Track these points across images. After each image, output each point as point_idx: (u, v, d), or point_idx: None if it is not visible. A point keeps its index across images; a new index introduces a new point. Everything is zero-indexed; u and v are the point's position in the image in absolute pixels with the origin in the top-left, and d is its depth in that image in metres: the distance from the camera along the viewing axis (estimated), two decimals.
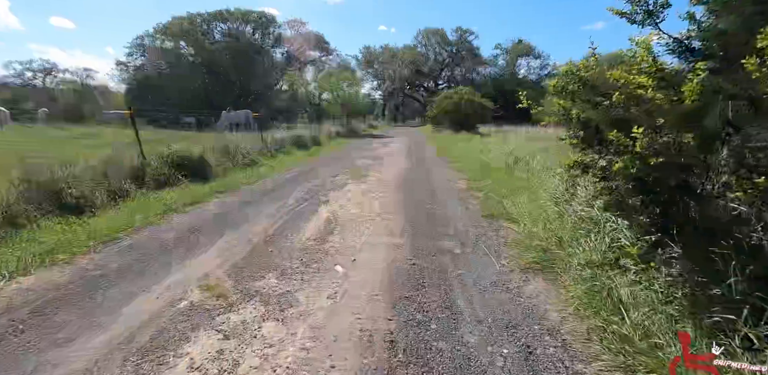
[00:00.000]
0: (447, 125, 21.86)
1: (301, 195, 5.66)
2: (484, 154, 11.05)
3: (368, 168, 8.47)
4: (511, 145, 11.28)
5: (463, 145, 13.89)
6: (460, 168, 8.51)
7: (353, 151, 12.61)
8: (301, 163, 9.46)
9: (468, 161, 9.30)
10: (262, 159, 9.69)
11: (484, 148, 12.47)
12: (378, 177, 7.23)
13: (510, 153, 9.73)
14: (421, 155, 11.34)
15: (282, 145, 11.88)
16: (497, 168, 8.04)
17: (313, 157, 10.72)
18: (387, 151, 12.71)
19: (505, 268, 3.03)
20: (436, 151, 12.73)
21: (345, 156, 11.23)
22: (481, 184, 6.43)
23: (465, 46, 44.92)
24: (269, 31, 36.70)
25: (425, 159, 10.34)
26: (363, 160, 9.98)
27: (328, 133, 17.32)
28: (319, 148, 13.54)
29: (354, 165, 9.05)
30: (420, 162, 9.73)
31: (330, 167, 8.68)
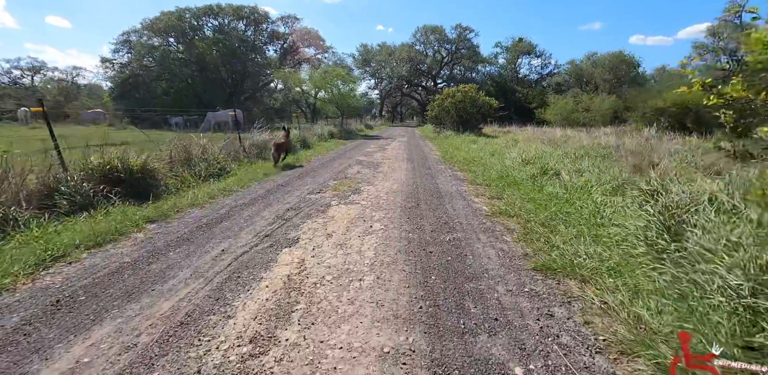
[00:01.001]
0: (449, 125, 20.22)
1: (261, 227, 3.98)
2: (496, 159, 9.42)
3: (361, 180, 6.80)
4: (529, 150, 9.65)
5: (469, 149, 12.27)
6: (473, 179, 6.87)
7: (346, 156, 10.95)
8: (280, 172, 7.78)
9: (481, 170, 7.66)
10: (235, 167, 8.02)
11: (494, 152, 10.85)
12: (373, 194, 5.56)
13: (529, 161, 8.11)
14: (423, 161, 9.70)
15: (263, 149, 10.21)
16: (520, 180, 6.42)
17: (296, 166, 9.06)
18: (384, 155, 11.05)
19: None
20: (440, 155, 11.09)
21: (335, 162, 9.57)
22: (507, 204, 4.79)
23: (465, 44, 43.25)
24: (262, 28, 34.93)
25: (429, 166, 8.69)
26: (356, 168, 8.32)
27: (320, 134, 15.63)
28: (308, 151, 11.86)
29: (344, 175, 7.38)
30: (423, 170, 8.08)
31: (314, 178, 7.01)
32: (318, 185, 6.24)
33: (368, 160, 9.77)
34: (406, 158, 10.25)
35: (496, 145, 13.20)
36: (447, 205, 4.90)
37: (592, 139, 14.62)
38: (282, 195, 5.50)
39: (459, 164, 8.93)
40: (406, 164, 9.03)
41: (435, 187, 6.12)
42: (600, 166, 6.76)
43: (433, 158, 10.39)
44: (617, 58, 45.76)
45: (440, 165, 9.01)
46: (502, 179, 6.70)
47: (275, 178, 7.07)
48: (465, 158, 9.70)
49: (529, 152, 9.40)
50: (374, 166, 8.76)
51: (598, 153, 9.14)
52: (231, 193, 5.67)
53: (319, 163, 9.46)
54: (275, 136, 11.81)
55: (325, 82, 21.15)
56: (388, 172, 7.81)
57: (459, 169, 8.37)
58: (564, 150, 9.74)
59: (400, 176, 7.24)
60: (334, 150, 12.91)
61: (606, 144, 11.93)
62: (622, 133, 15.44)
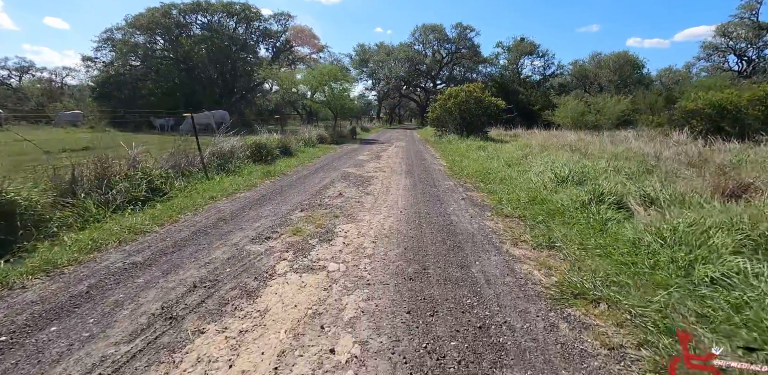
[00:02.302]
0: (451, 128, 18.21)
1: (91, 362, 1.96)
2: (517, 172, 7.41)
3: (341, 209, 4.75)
4: (557, 160, 7.64)
5: (478, 157, 10.26)
6: (497, 206, 4.86)
7: (332, 166, 8.92)
8: (234, 194, 5.73)
9: (502, 190, 5.66)
10: (180, 184, 5.99)
11: (510, 162, 8.83)
12: (353, 243, 3.50)
13: (566, 177, 6.09)
14: (426, 175, 7.68)
15: (229, 159, 8.18)
16: (563, 209, 4.45)
17: (265, 180, 7.02)
18: (378, 166, 9.02)
19: None
20: (445, 166, 9.08)
21: (316, 176, 7.55)
22: (575, 269, 2.78)
23: (465, 44, 41.27)
24: (254, 26, 32.89)
25: (434, 183, 6.67)
26: (339, 186, 6.29)
27: (307, 138, 13.59)
28: (289, 160, 9.83)
29: (319, 200, 5.34)
30: (427, 190, 6.06)
31: (276, 205, 4.97)
32: (274, 221, 4.19)
33: (357, 174, 7.75)
34: (404, 170, 8.22)
35: (509, 152, 11.20)
36: (473, 269, 2.87)
37: (615, 145, 12.68)
38: (206, 244, 3.45)
39: (471, 179, 6.92)
40: (405, 179, 7.00)
41: (447, 223, 4.09)
42: (673, 190, 4.75)
43: (438, 170, 8.37)
44: (622, 59, 43.89)
45: (448, 180, 6.99)
46: (536, 206, 4.72)
47: (222, 205, 5.03)
48: (477, 170, 7.70)
49: (557, 163, 7.41)
50: (363, 182, 6.73)
51: (645, 165, 7.16)
52: (133, 239, 3.62)
53: (294, 177, 7.43)
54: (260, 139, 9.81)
55: (316, 81, 19.11)
56: (380, 193, 5.78)
57: (473, 186, 6.37)
58: (598, 160, 7.74)
59: (395, 201, 5.21)
60: (321, 158, 10.88)
61: (639, 151, 9.96)
62: (651, 137, 13.48)
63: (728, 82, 25.31)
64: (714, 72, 41.94)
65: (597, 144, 12.82)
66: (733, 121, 12.41)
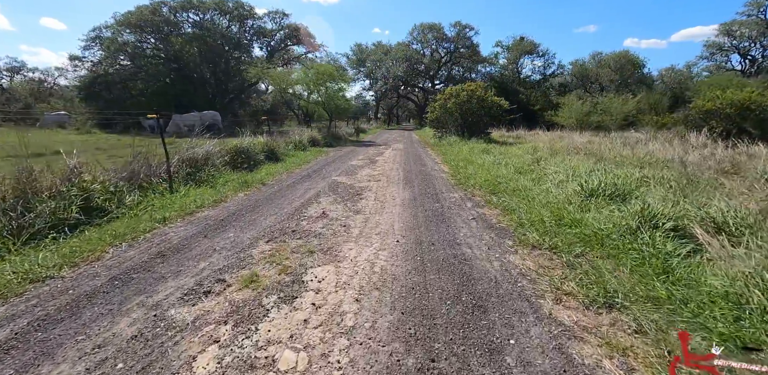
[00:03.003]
0: (452, 129, 17.18)
1: None
2: (529, 181, 6.37)
3: (319, 240, 3.66)
4: (577, 168, 6.60)
5: (483, 162, 9.22)
6: (518, 230, 3.82)
7: (321, 174, 7.86)
8: (193, 215, 4.64)
9: (519, 206, 4.62)
10: (132, 200, 4.93)
11: (522, 169, 7.77)
12: (327, 303, 2.40)
13: (596, 191, 5.06)
14: (427, 185, 6.63)
15: (203, 167, 7.12)
16: (603, 234, 3.44)
17: (239, 193, 5.95)
18: (372, 174, 7.98)
19: None
20: (449, 172, 8.04)
21: (299, 187, 6.49)
22: (653, 348, 1.73)
23: (464, 43, 40.25)
24: (248, 25, 31.78)
25: (438, 196, 5.62)
26: (324, 203, 5.22)
27: (298, 141, 12.53)
28: (274, 167, 8.77)
29: (295, 223, 4.25)
30: (430, 205, 5.02)
31: (239, 232, 3.86)
32: (227, 259, 3.11)
33: (348, 184, 6.69)
34: (402, 179, 7.17)
35: (517, 156, 10.18)
36: (509, 359, 1.82)
37: (630, 148, 11.68)
38: (118, 303, 2.37)
39: (480, 190, 5.88)
40: (403, 191, 5.96)
41: (459, 260, 3.04)
42: (745, 212, 3.71)
43: (440, 178, 7.32)
44: (623, 58, 42.93)
45: (453, 192, 5.94)
46: (566, 229, 3.70)
47: (173, 230, 3.96)
48: (486, 179, 6.65)
49: (577, 170, 6.38)
50: (354, 195, 5.68)
51: (686, 175, 6.14)
52: (19, 293, 2.57)
53: (275, 188, 6.37)
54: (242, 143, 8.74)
55: (311, 81, 18.04)
56: (372, 211, 4.73)
57: (482, 199, 5.32)
58: (623, 167, 6.70)
59: (391, 223, 4.15)
60: (310, 163, 9.82)
61: (657, 155, 8.97)
62: (667, 139, 12.48)
63: (740, 80, 24.27)
64: (717, 71, 41.05)
65: (608, 146, 11.83)
66: (758, 122, 11.42)
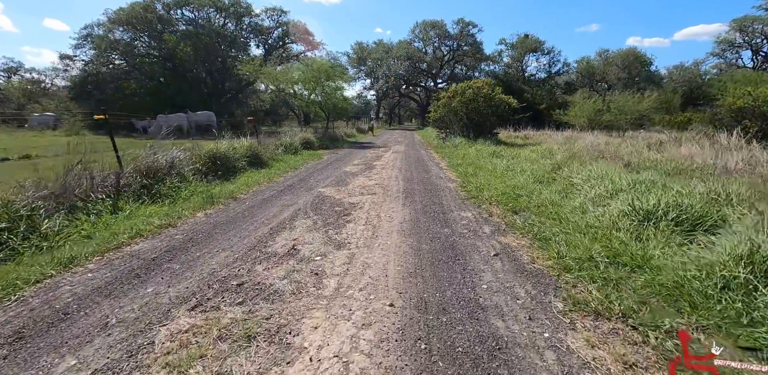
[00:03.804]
0: (457, 130, 15.95)
1: None
2: (551, 190, 5.18)
3: (270, 311, 2.45)
4: (618, 182, 5.36)
5: (494, 168, 7.99)
6: (562, 274, 2.60)
7: (306, 185, 6.66)
8: (115, 252, 3.41)
9: (550, 228, 3.41)
10: (51, 228, 3.75)
11: (541, 177, 6.53)
12: None
13: (651, 212, 3.82)
14: (432, 198, 5.41)
15: (164, 177, 5.93)
16: (701, 291, 2.19)
17: (198, 213, 4.75)
18: (366, 184, 6.76)
19: None
20: (457, 181, 6.81)
21: (274, 204, 5.29)
22: None
23: (467, 41, 38.92)
24: (244, 22, 30.60)
25: (446, 216, 4.40)
26: (299, 228, 3.97)
27: (288, 143, 11.33)
28: (255, 174, 7.59)
29: (246, 270, 3.02)
30: (436, 229, 3.81)
31: (158, 286, 2.63)
32: (101, 361, 1.95)
33: (337, 198, 5.49)
34: (402, 191, 5.96)
35: (531, 160, 8.95)
36: None
37: (656, 150, 10.46)
38: None
39: (498, 208, 4.67)
40: (402, 209, 4.74)
41: (486, 342, 1.76)
42: None
43: (447, 189, 6.10)
44: (631, 56, 41.46)
45: (465, 210, 4.72)
46: (628, 272, 2.51)
47: (67, 280, 2.73)
48: (502, 192, 5.44)
49: (616, 182, 5.15)
50: (341, 217, 4.47)
51: (755, 188, 4.90)
52: None
53: (246, 205, 5.16)
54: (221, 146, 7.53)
55: (307, 79, 16.82)
56: (361, 244, 3.51)
57: (504, 222, 4.10)
58: (676, 179, 5.47)
59: (384, 264, 2.93)
60: (298, 170, 8.62)
61: (701, 161, 7.70)
62: (694, 140, 11.20)
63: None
64: (728, 68, 39.50)
65: (630, 149, 10.57)
66: None
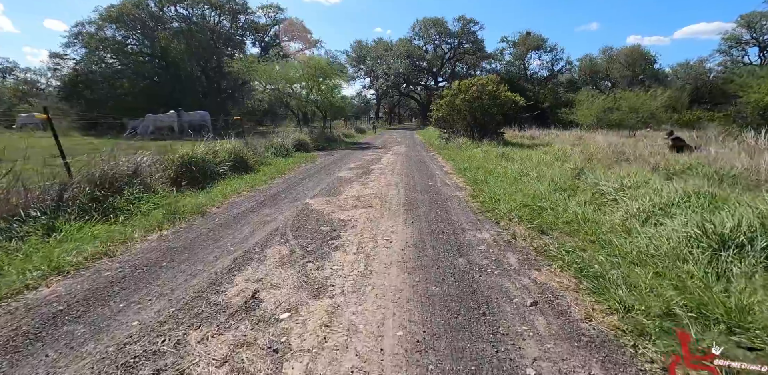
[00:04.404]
0: (460, 129, 15.00)
1: None
2: (578, 202, 4.22)
3: None
4: (666, 194, 4.40)
5: (506, 172, 7.03)
6: (635, 338, 1.65)
7: (292, 193, 5.71)
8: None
9: (597, 257, 2.44)
10: None
11: (562, 182, 5.62)
12: None
13: (730, 238, 2.88)
14: (439, 212, 4.46)
15: (121, 189, 4.99)
16: None
17: (150, 235, 3.80)
18: (361, 194, 5.80)
19: None
20: (465, 188, 5.86)
21: (249, 221, 4.33)
22: None
23: (468, 38, 37.91)
24: (240, 19, 29.63)
25: (458, 239, 3.44)
26: (269, 262, 3.01)
27: (279, 145, 10.38)
28: (236, 181, 6.64)
29: (181, 335, 2.08)
30: (447, 259, 2.88)
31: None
32: None
33: (324, 213, 4.53)
34: (403, 203, 5.01)
35: (546, 163, 7.99)
36: None
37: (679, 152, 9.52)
38: None
39: (521, 226, 3.72)
40: (403, 230, 3.79)
41: None
42: None
43: (457, 199, 5.15)
44: (635, 53, 40.43)
45: (481, 229, 3.76)
46: (724, 332, 1.53)
47: None
48: (521, 202, 4.50)
49: (668, 196, 4.19)
50: (324, 244, 3.51)
51: None
52: None
53: (214, 223, 4.21)
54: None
55: (300, 75, 15.87)
56: (348, 287, 2.54)
57: (533, 247, 3.15)
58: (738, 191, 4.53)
59: (378, 323, 1.94)
60: (287, 175, 7.68)
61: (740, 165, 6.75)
62: (720, 140, 10.24)
63: None
64: (734, 66, 38.45)
65: (651, 150, 9.63)
66: None
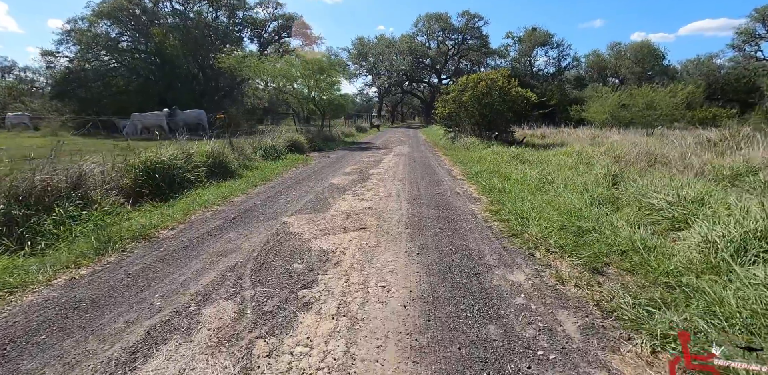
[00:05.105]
0: (467, 127, 13.91)
1: None
2: (624, 216, 3.16)
3: None
4: (715, 200, 3.32)
5: (524, 177, 5.95)
6: None
7: (272, 208, 4.65)
8: None
9: (702, 325, 1.44)
10: None
11: (597, 194, 4.53)
12: None
13: None
14: (453, 242, 3.42)
15: (52, 203, 3.98)
16: None
17: (60, 276, 2.78)
18: (356, 208, 4.73)
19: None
20: (484, 202, 4.79)
21: (200, 257, 3.31)
22: None
23: (473, 34, 36.64)
24: (238, 16, 28.56)
25: (488, 291, 2.40)
26: (195, 342, 2.01)
27: (269, 146, 9.34)
28: (210, 192, 5.60)
29: None
30: (474, 334, 1.85)
31: None
32: None
33: (303, 240, 3.48)
34: (405, 223, 3.94)
35: (569, 167, 6.91)
36: None
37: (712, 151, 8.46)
38: None
39: (564, 259, 2.65)
40: (405, 267, 2.71)
41: None
42: None
43: (473, 216, 4.07)
44: (644, 49, 38.98)
45: (512, 266, 2.68)
46: None
47: None
48: (557, 223, 3.43)
49: (762, 217, 3.12)
50: (292, 295, 2.42)
51: None
52: None
53: (153, 257, 3.16)
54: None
55: (295, 72, 14.79)
56: None
57: (592, 296, 2.04)
58: None
59: None
60: (272, 182, 6.64)
61: None
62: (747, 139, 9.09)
63: None
64: (746, 62, 36.95)
65: (679, 150, 8.50)
66: None
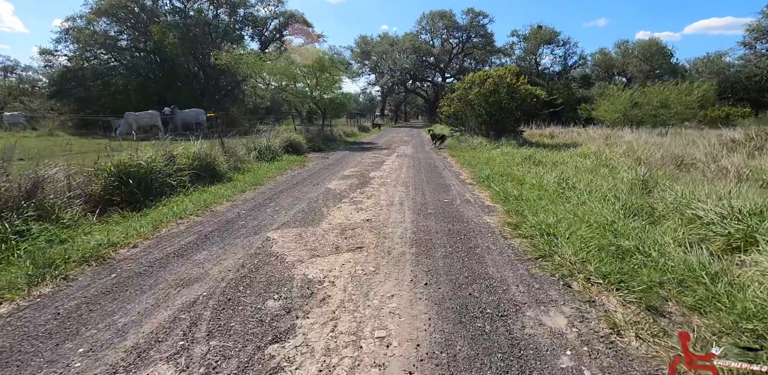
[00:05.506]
0: (474, 127, 13.24)
1: None
2: (677, 240, 2.44)
3: None
4: None
5: (540, 182, 5.27)
6: None
7: (257, 220, 4.05)
8: None
9: None
10: None
11: (631, 203, 3.87)
12: None
13: None
14: (468, 270, 2.78)
15: (9, 212, 3.40)
16: None
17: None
18: (352, 221, 4.09)
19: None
20: (499, 212, 4.15)
21: (162, 282, 2.69)
22: None
23: (477, 32, 35.86)
24: (239, 13, 28.01)
25: (522, 348, 1.79)
26: None
27: (263, 147, 8.73)
28: (192, 198, 4.99)
29: None
30: None
31: None
32: None
33: (286, 265, 2.84)
34: (409, 239, 3.31)
35: (587, 170, 6.24)
36: None
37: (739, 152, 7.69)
38: None
39: (608, 293, 1.98)
40: (409, 306, 2.04)
41: None
42: None
43: (490, 231, 3.40)
44: (652, 47, 38.04)
45: (546, 305, 2.01)
46: None
47: None
48: (595, 243, 2.78)
49: None
50: (257, 357, 1.85)
51: None
52: None
53: (98, 287, 2.51)
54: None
55: (294, 69, 14.17)
56: None
57: (660, 353, 1.47)
58: None
59: None
60: (263, 187, 6.02)
61: None
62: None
63: None
64: (759, 60, 35.91)
65: (703, 151, 7.81)
66: None
